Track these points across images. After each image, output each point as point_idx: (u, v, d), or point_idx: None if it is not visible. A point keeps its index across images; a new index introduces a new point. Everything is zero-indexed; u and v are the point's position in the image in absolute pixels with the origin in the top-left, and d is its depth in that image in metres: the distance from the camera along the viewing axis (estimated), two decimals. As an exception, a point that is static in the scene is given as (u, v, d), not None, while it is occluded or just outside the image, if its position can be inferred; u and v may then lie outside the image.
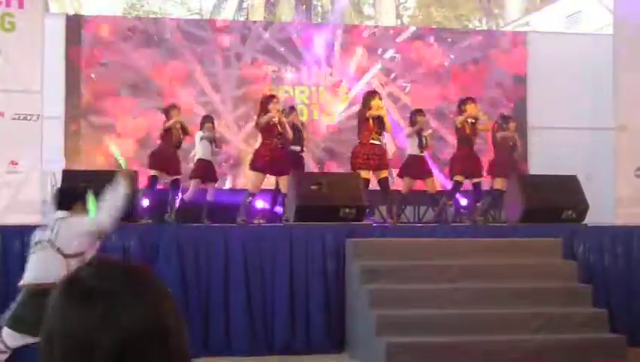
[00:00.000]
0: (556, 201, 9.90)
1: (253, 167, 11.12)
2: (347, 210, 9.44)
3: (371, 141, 11.03)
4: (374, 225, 10.34)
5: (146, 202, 11.55)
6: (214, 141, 11.98)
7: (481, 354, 7.74)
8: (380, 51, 15.05)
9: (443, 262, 8.83)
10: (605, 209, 11.56)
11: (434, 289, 8.44)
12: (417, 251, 8.97)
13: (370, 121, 11.02)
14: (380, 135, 11.16)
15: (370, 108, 11.06)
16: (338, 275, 8.93)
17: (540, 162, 14.06)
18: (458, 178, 11.73)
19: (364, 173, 10.76)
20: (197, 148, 12.02)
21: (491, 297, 8.44)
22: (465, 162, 11.70)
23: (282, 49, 14.76)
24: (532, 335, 8.03)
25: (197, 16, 20.32)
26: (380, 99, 11.36)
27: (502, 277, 8.74)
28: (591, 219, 10.12)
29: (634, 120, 11.87)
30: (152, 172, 11.31)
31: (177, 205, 11.60)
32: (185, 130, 11.73)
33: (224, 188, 13.88)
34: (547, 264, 9.02)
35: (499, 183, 11.99)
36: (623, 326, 8.59)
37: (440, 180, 13.64)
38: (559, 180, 10.22)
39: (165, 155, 11.64)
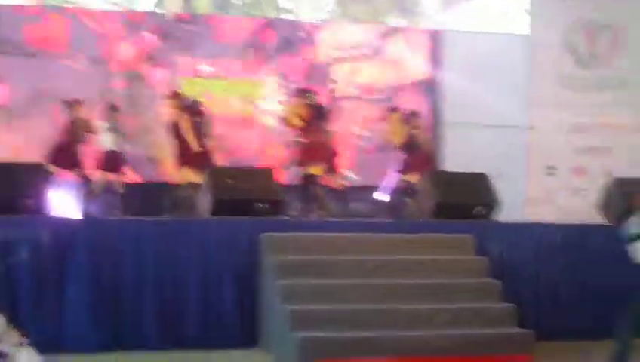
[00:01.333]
0: (467, 198, 10.03)
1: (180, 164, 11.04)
2: (261, 205, 9.41)
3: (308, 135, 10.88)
4: (288, 219, 10.33)
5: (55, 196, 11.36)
6: (118, 132, 11.82)
7: (394, 349, 7.81)
8: (295, 45, 15.05)
9: (357, 256, 8.87)
10: (516, 206, 11.79)
11: (348, 284, 8.48)
12: (332, 246, 8.99)
13: (298, 116, 11.02)
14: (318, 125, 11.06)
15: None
16: (252, 270, 8.90)
17: (454, 158, 14.24)
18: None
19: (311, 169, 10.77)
20: (102, 139, 11.86)
21: (405, 292, 8.51)
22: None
23: (199, 41, 14.65)
24: (443, 330, 8.12)
25: (116, 8, 20.01)
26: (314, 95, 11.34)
27: (415, 273, 8.82)
28: (502, 216, 10.28)
29: (545, 120, 12.13)
30: (51, 168, 10.97)
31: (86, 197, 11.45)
32: (87, 126, 11.57)
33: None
34: (459, 260, 9.13)
35: (407, 179, 12.09)
36: (532, 321, 8.74)
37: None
38: (470, 177, 10.34)
39: (65, 151, 11.47)
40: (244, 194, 9.45)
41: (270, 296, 8.56)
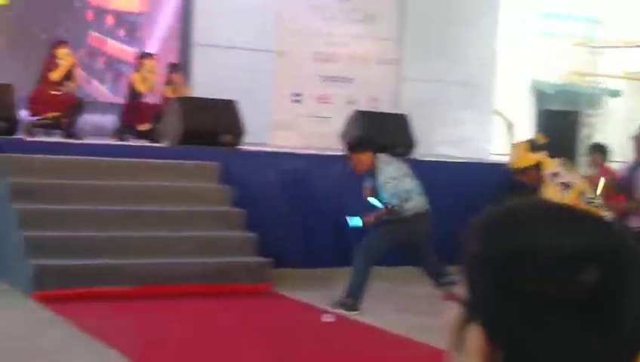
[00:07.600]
0: (214, 124, 9.92)
1: None
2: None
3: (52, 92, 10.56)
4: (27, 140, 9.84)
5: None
6: None
7: (131, 277, 7.71)
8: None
9: (98, 182, 8.63)
10: (262, 131, 11.85)
11: (87, 210, 8.26)
12: (71, 170, 8.68)
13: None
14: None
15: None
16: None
17: (204, 81, 14.02)
18: None
19: None
20: None
21: (143, 220, 8.42)
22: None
23: None
24: (183, 258, 8.10)
25: None
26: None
27: (155, 200, 8.72)
28: (248, 140, 10.23)
29: (293, 46, 12.24)
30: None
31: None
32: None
33: None
34: (202, 187, 9.10)
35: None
36: (272, 249, 8.84)
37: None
38: (218, 103, 10.24)
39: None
40: None
41: (4, 221, 8.16)
